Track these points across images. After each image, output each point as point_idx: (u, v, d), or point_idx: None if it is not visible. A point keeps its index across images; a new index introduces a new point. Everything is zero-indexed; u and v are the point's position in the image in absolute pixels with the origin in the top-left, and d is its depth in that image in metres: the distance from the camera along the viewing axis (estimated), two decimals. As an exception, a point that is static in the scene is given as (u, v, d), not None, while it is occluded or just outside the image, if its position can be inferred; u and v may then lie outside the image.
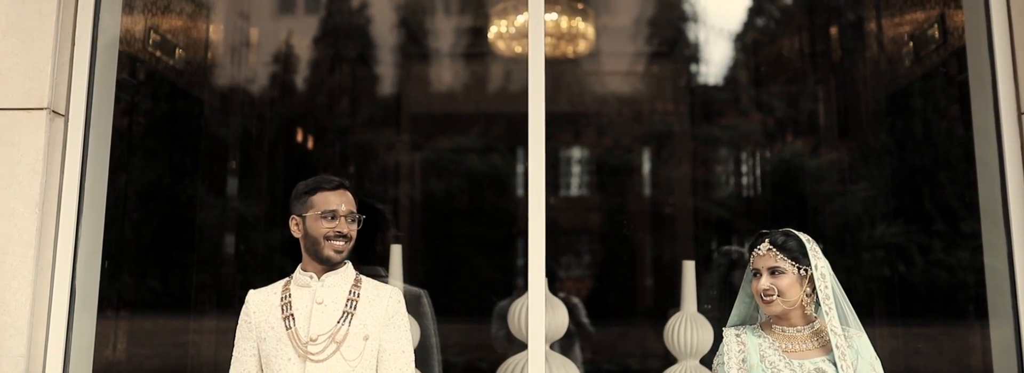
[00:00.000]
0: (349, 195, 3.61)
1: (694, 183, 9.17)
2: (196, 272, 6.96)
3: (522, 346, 5.73)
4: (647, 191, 9.56)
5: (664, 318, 5.26)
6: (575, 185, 9.77)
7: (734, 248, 7.00)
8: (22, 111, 4.29)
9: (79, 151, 4.41)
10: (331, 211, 3.52)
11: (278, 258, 7.62)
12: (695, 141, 9.23)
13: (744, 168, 9.06)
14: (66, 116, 4.42)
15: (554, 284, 6.22)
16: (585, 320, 6.61)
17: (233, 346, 3.63)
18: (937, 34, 5.72)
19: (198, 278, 6.96)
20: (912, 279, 6.48)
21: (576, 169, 9.77)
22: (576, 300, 6.14)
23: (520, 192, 9.21)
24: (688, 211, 9.05)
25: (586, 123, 9.41)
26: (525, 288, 7.24)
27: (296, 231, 3.58)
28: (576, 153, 9.74)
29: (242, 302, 3.62)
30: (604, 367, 7.67)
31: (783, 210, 8.17)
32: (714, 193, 9.08)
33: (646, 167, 9.61)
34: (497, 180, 9.19)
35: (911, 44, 6.26)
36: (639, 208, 9.51)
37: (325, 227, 3.50)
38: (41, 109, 4.28)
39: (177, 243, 6.97)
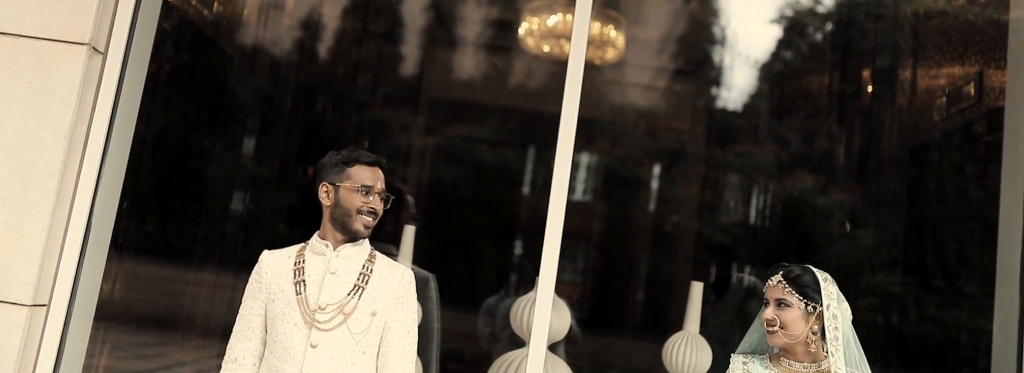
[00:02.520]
0: (382, 173, 3.63)
1: (701, 205, 9.18)
2: (197, 225, 6.97)
3: (506, 345, 5.75)
4: (652, 206, 9.57)
5: (653, 334, 5.30)
6: (580, 190, 9.77)
7: (751, 277, 7.03)
8: (63, 43, 4.30)
9: (113, 91, 4.42)
10: (368, 186, 3.53)
11: (281, 222, 7.63)
12: (707, 164, 9.25)
13: (752, 197, 9.09)
14: (105, 54, 4.44)
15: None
16: (571, 322, 6.64)
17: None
18: (973, 91, 5.75)
19: (199, 231, 6.97)
20: (904, 331, 6.52)
21: (583, 175, 9.77)
22: (562, 301, 6.18)
23: (526, 189, 9.23)
24: (690, 232, 9.07)
25: (600, 131, 9.42)
26: (519, 285, 7.28)
27: (325, 199, 3.58)
28: (585, 159, 9.74)
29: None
30: (585, 374, 7.72)
31: (784, 244, 8.19)
32: (719, 218, 9.09)
33: (654, 183, 9.62)
34: (505, 175, 9.19)
35: (944, 98, 6.29)
36: (641, 222, 9.52)
37: (359, 201, 3.52)
38: (82, 44, 4.30)
39: (181, 193, 6.98)
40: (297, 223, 7.76)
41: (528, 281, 7.25)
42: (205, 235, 7.06)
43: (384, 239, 5.00)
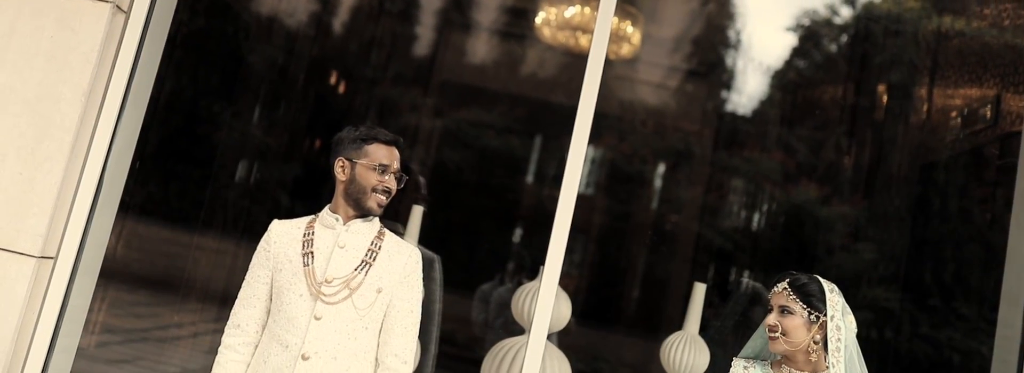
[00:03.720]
0: (397, 153, 3.65)
1: (703, 207, 9.18)
2: (201, 189, 6.97)
3: (498, 332, 5.75)
4: (654, 205, 9.57)
5: (645, 332, 5.32)
6: (583, 183, 9.77)
7: (755, 283, 7.04)
8: (87, 0, 4.30)
9: (133, 50, 4.42)
10: (384, 165, 3.55)
11: (284, 193, 7.63)
12: (712, 166, 9.24)
13: (755, 203, 9.07)
14: (128, 13, 4.44)
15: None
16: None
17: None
18: (989, 114, 5.74)
19: (202, 196, 6.96)
20: (897, 347, 6.54)
21: (587, 168, 9.75)
22: (564, 293, 6.20)
23: (529, 178, 9.23)
24: (691, 233, 9.07)
25: (608, 125, 9.40)
26: (515, 272, 7.28)
27: (341, 174, 3.59)
28: (590, 152, 9.71)
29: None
30: (575, 366, 7.71)
31: (784, 252, 8.19)
32: (720, 221, 9.08)
33: (658, 181, 9.62)
34: (510, 162, 9.19)
35: (959, 119, 6.29)
36: (643, 220, 9.51)
37: (375, 179, 3.53)
38: (106, 1, 4.30)
39: (186, 156, 6.98)
40: (300, 195, 7.76)
41: (524, 269, 7.26)
42: (208, 200, 7.06)
43: (388, 217, 5.00)
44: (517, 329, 5.32)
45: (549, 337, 5.99)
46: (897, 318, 6.58)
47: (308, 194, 7.69)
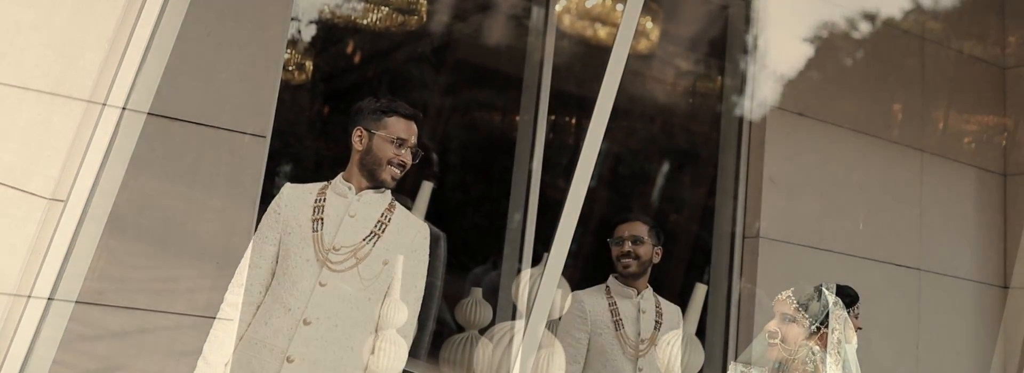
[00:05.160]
0: (416, 127, 3.68)
1: (704, 209, 9.15)
2: (205, 147, 6.92)
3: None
4: (655, 203, 9.54)
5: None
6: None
7: (759, 289, 7.05)
8: (111, -48, 4.31)
9: (159, 4, 4.42)
10: (402, 139, 3.59)
11: (290, 158, 7.61)
12: (717, 170, 9.20)
13: (758, 209, 9.02)
14: (158, -36, 4.44)
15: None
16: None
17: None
18: (1004, 142, 5.75)
19: (207, 153, 6.92)
20: (888, 364, 6.55)
21: (592, 159, 9.70)
22: (566, 281, 6.19)
23: (532, 165, 9.18)
24: (690, 235, 9.05)
25: (616, 119, 9.36)
26: (509, 258, 7.27)
27: (358, 144, 3.62)
28: (596, 143, 9.66)
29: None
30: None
31: (783, 262, 8.15)
32: (721, 224, 9.04)
33: (661, 180, 9.60)
34: (515, 146, 9.15)
35: (973, 145, 6.29)
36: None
37: (392, 152, 3.58)
38: (137, -51, 4.31)
39: (194, 115, 6.92)
40: (306, 160, 7.75)
41: (520, 255, 7.22)
42: (214, 159, 7.01)
43: (397, 190, 5.00)
44: (505, 314, 5.33)
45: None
46: (893, 336, 6.59)
47: (310, 160, 7.68)
